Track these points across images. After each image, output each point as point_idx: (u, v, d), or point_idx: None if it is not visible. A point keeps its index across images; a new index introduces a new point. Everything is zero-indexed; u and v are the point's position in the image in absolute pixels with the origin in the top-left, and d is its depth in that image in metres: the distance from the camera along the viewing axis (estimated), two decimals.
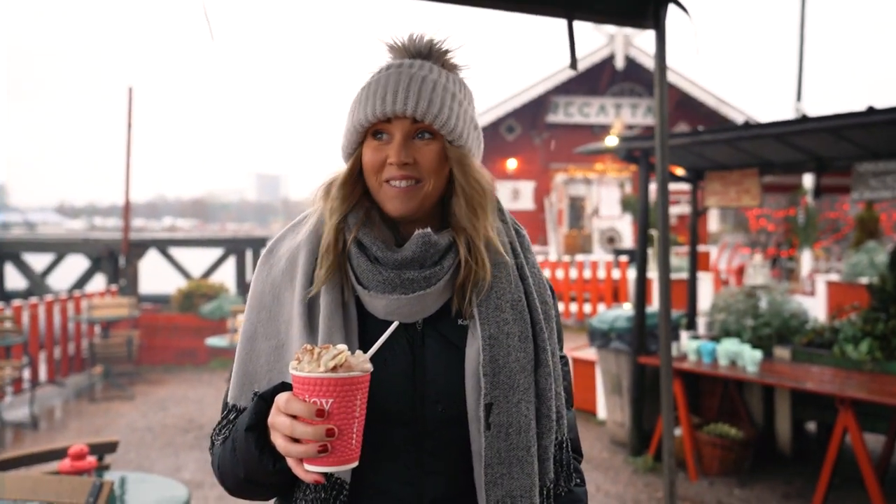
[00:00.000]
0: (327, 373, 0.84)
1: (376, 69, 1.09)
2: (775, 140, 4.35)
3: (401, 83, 1.02)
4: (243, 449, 0.94)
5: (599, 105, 16.84)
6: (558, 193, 17.27)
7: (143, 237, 12.57)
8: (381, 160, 1.04)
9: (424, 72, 1.05)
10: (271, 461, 0.91)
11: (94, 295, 8.58)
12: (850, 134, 4.05)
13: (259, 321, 1.08)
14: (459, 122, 1.05)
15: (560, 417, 1.09)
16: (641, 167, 5.15)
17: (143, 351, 8.51)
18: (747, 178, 5.08)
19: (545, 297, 1.13)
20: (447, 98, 1.04)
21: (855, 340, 4.43)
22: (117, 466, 4.79)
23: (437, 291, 1.04)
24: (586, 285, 11.36)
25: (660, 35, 2.80)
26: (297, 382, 0.86)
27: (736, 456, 4.70)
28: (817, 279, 9.23)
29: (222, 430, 1.06)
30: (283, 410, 0.86)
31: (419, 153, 1.04)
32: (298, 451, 0.85)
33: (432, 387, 1.04)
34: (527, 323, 1.07)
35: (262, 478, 0.95)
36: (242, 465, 0.95)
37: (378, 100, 1.02)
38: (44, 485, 2.11)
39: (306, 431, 0.84)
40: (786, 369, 4.43)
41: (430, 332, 1.06)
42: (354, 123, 1.05)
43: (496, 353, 1.03)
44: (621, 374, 5.37)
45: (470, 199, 1.06)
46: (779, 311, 4.97)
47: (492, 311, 1.05)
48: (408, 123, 1.03)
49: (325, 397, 0.85)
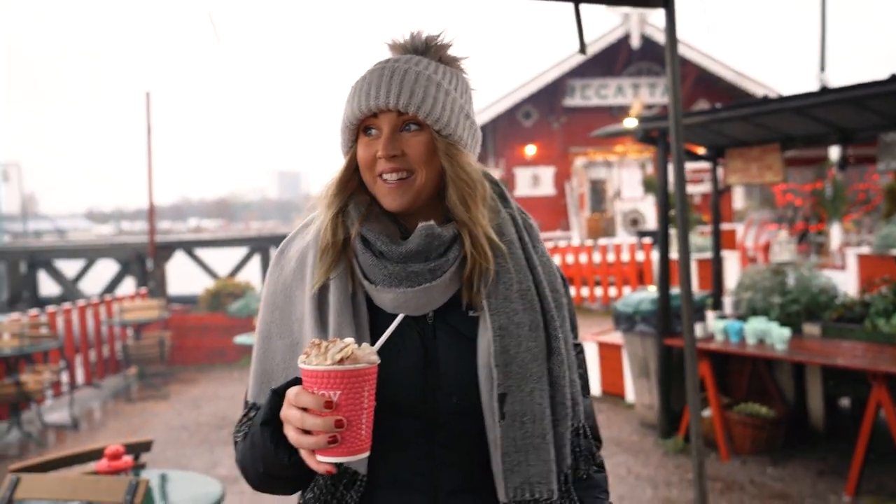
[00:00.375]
0: (334, 365, 0.86)
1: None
2: (796, 113, 4.28)
3: (384, 77, 1.04)
4: (260, 444, 0.96)
5: (617, 86, 16.66)
6: (579, 177, 17.16)
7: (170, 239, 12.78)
8: (372, 155, 1.05)
9: (410, 65, 1.06)
10: (286, 454, 0.93)
11: (124, 298, 8.76)
12: (873, 104, 3.97)
13: (273, 321, 1.11)
14: (446, 112, 1.05)
15: (576, 404, 1.10)
16: (660, 148, 5.10)
17: (174, 351, 8.66)
18: (769, 154, 5.01)
19: (556, 285, 1.13)
20: (431, 88, 1.05)
21: (886, 314, 4.36)
22: (155, 464, 4.90)
23: (443, 284, 1.05)
24: (610, 269, 11.30)
25: (669, 13, 2.77)
26: (306, 376, 0.88)
27: (768, 435, 4.67)
28: (847, 252, 9.07)
29: (242, 427, 1.09)
30: (293, 403, 0.88)
31: (407, 145, 1.04)
32: (309, 442, 0.87)
33: (445, 379, 1.05)
34: (537, 312, 1.07)
35: (279, 471, 0.97)
36: (261, 459, 0.98)
37: (363, 95, 1.04)
38: (83, 485, 2.18)
39: (316, 423, 0.86)
40: (816, 346, 4.38)
41: (441, 324, 1.07)
42: (344, 121, 1.08)
43: (507, 344, 1.04)
44: (648, 357, 5.34)
45: (460, 191, 1.06)
46: (807, 286, 4.90)
47: (501, 301, 1.05)
48: (394, 116, 1.04)
49: (333, 389, 0.86)
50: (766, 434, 4.67)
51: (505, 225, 1.12)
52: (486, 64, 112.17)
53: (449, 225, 1.07)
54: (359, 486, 1.02)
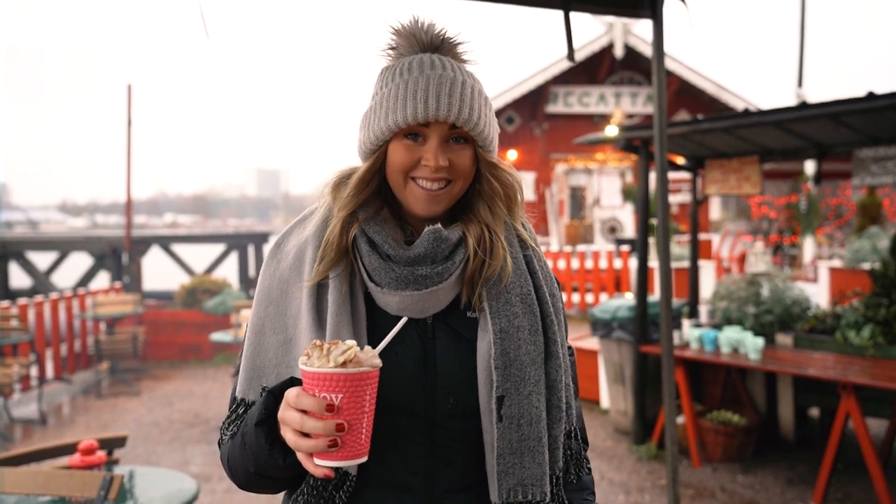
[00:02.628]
0: (337, 368, 0.85)
1: (401, 67, 1.07)
2: (775, 127, 4.35)
3: (443, 87, 1.03)
4: (253, 444, 0.95)
5: (599, 94, 16.80)
6: (559, 184, 17.26)
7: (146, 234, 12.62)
8: (413, 160, 1.05)
9: (460, 76, 1.06)
10: (281, 456, 0.92)
11: (98, 292, 8.63)
12: (850, 120, 4.05)
13: (267, 315, 1.09)
14: (491, 130, 1.08)
15: (569, 408, 1.12)
16: (641, 156, 5.16)
17: (148, 347, 8.56)
18: (747, 166, 5.09)
19: (553, 289, 1.15)
20: (482, 104, 1.07)
21: (857, 326, 4.45)
22: (125, 461, 4.83)
23: (448, 286, 1.06)
24: (588, 275, 11.37)
25: (657, 24, 2.80)
26: (307, 378, 0.87)
27: (739, 442, 4.73)
28: (820, 265, 9.24)
29: (231, 424, 1.07)
30: (293, 405, 0.87)
31: (455, 156, 1.05)
32: (308, 445, 0.86)
33: (443, 379, 1.05)
34: (536, 316, 1.09)
35: (271, 472, 0.96)
36: (252, 459, 0.97)
37: (420, 103, 1.02)
38: (56, 479, 2.14)
39: (316, 426, 0.85)
40: (788, 356, 4.45)
41: (440, 324, 1.08)
42: (390, 124, 1.04)
43: (507, 347, 1.04)
44: (624, 363, 5.39)
45: (499, 197, 1.09)
46: (780, 298, 4.99)
47: (502, 304, 1.07)
48: (445, 128, 1.04)
49: (335, 392, 0.85)
50: (738, 442, 4.74)
51: (507, 230, 1.13)
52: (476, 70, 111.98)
53: (455, 227, 1.08)
54: (348, 486, 1.02)
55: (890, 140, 4.34)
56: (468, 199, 1.11)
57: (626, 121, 16.48)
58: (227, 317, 8.24)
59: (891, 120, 3.99)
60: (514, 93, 16.11)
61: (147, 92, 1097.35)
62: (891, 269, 4.54)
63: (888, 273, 4.54)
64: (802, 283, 8.36)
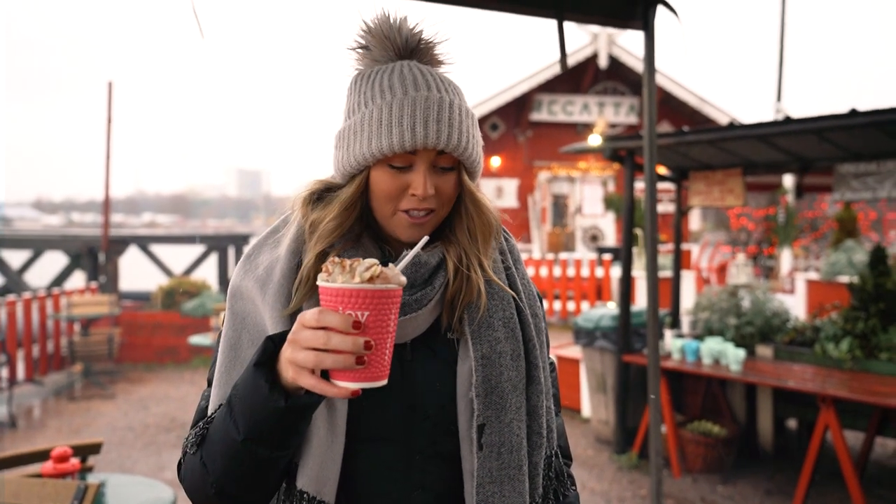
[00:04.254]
0: (364, 284, 0.81)
1: (382, 84, 1.02)
2: (759, 141, 4.39)
3: (430, 112, 0.98)
4: (249, 386, 0.87)
5: (583, 103, 16.90)
6: (542, 191, 17.32)
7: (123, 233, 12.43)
8: (400, 189, 1.00)
9: (447, 96, 1.01)
10: (282, 396, 0.85)
11: (73, 292, 8.47)
12: (832, 135, 4.10)
13: (244, 328, 1.04)
14: (477, 150, 1.05)
15: (550, 431, 1.09)
16: (626, 167, 5.17)
17: (123, 349, 8.42)
18: (731, 178, 5.13)
19: (535, 309, 1.12)
20: (470, 125, 1.02)
21: (835, 339, 4.49)
22: (98, 467, 4.73)
23: (427, 311, 1.02)
24: (570, 283, 11.41)
25: (648, 36, 2.81)
26: (330, 295, 0.82)
27: (719, 453, 4.75)
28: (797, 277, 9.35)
29: (198, 438, 0.98)
30: (314, 324, 0.81)
31: (440, 183, 1.02)
32: (334, 360, 0.80)
33: (422, 402, 1.02)
34: (519, 341, 1.06)
35: (266, 426, 0.87)
36: (245, 413, 0.88)
37: (407, 130, 0.97)
38: (26, 488, 2.07)
39: (344, 342, 0.79)
40: (768, 368, 4.48)
41: (420, 346, 1.04)
42: (374, 151, 0.99)
43: (489, 373, 1.02)
44: (606, 373, 5.40)
45: (474, 229, 1.05)
46: (761, 310, 5.03)
47: (484, 329, 1.04)
48: (433, 154, 1.00)
49: (362, 309, 0.81)
50: (718, 452, 4.75)
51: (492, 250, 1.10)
52: (454, 73, 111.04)
53: (434, 250, 1.04)
54: None
55: (870, 156, 4.40)
56: (447, 221, 1.07)
57: (608, 130, 16.59)
58: (206, 319, 8.13)
59: (872, 136, 4.05)
60: (499, 100, 16.16)
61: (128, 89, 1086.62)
62: (869, 283, 4.59)
63: (866, 287, 4.59)
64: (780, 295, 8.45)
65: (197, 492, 0.97)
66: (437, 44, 1.08)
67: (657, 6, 2.80)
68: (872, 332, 4.40)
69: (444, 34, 1.08)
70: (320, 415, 0.96)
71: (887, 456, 5.12)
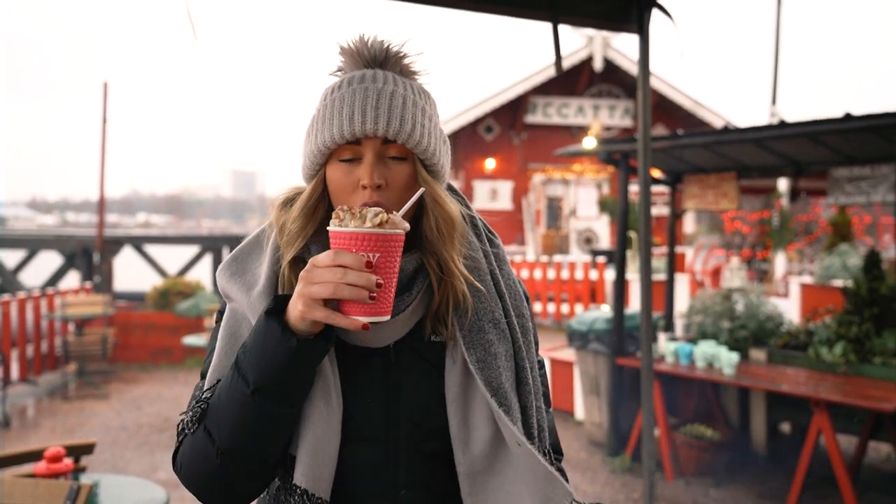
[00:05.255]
0: (375, 228, 0.88)
1: (335, 84, 1.04)
2: (754, 144, 4.40)
3: (368, 100, 0.98)
4: (261, 334, 0.92)
5: (578, 106, 16.93)
6: (536, 194, 17.34)
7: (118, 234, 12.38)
8: (352, 183, 1.00)
9: (391, 86, 1.01)
10: (294, 337, 0.90)
11: (67, 292, 8.43)
12: (827, 139, 4.11)
13: (245, 318, 1.04)
14: (432, 141, 1.03)
15: (542, 431, 1.09)
16: (621, 170, 5.18)
17: (117, 349, 8.39)
18: (725, 182, 5.14)
19: (521, 309, 1.12)
20: (418, 115, 1.01)
21: (829, 343, 4.51)
22: (91, 467, 4.71)
23: (405, 316, 1.03)
24: (564, 286, 11.42)
25: (643, 39, 2.81)
26: (343, 238, 0.89)
27: (712, 457, 4.76)
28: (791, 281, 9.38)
29: (196, 412, 0.98)
30: (329, 262, 0.87)
31: (391, 174, 1.00)
32: (351, 291, 0.86)
33: (408, 406, 1.03)
34: (509, 341, 1.06)
35: (276, 373, 0.90)
36: (254, 364, 0.91)
37: (346, 119, 0.98)
38: (19, 488, 2.06)
39: (359, 277, 0.86)
40: (762, 371, 4.49)
41: (404, 349, 1.05)
42: (318, 145, 1.00)
43: (490, 376, 1.02)
44: (599, 376, 5.40)
45: (438, 223, 1.03)
46: (755, 313, 5.04)
47: (475, 333, 1.04)
48: (378, 143, 0.99)
49: (373, 251, 0.88)
50: (711, 456, 4.76)
51: (474, 251, 1.10)
52: (445, 77, 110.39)
53: (412, 255, 1.04)
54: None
55: (865, 160, 4.41)
56: (415, 223, 1.04)
57: (603, 133, 16.62)
58: (200, 320, 8.10)
59: (866, 140, 4.06)
60: (493, 102, 16.17)
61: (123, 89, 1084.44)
62: (863, 287, 4.61)
63: (860, 291, 4.61)
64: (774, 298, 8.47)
65: (198, 470, 0.97)
66: (407, 55, 1.08)
67: (652, 9, 2.80)
68: (866, 336, 4.42)
69: (417, 46, 1.08)
70: (317, 412, 0.97)
71: (881, 460, 5.14)
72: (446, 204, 1.04)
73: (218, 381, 1.01)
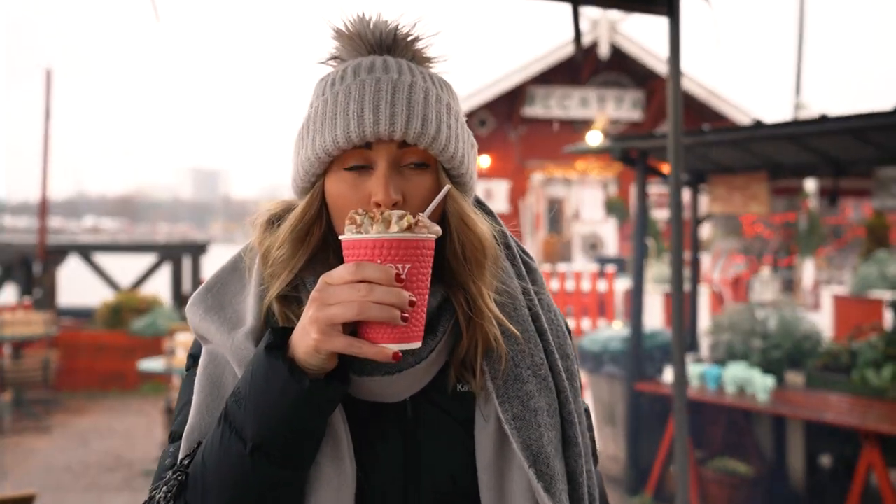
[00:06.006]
0: (403, 233, 0.78)
1: (334, 75, 0.93)
2: (789, 141, 4.34)
3: (382, 94, 0.87)
4: (260, 375, 0.81)
5: (581, 97, 16.92)
6: (535, 195, 17.31)
7: (63, 241, 12.20)
8: (360, 199, 0.89)
9: (409, 77, 0.91)
10: (305, 377, 0.80)
11: (3, 309, 8.28)
12: (873, 136, 4.06)
13: (227, 364, 0.93)
14: (460, 145, 0.93)
15: (592, 500, 1.00)
16: (638, 170, 5.11)
17: (61, 374, 8.22)
18: (755, 183, 5.07)
19: (566, 349, 1.03)
20: (443, 112, 0.91)
21: (876, 365, 4.44)
22: None
23: (427, 364, 0.92)
24: (569, 298, 11.34)
25: (674, 22, 2.74)
26: (364, 248, 0.79)
27: (744, 495, 4.68)
28: (822, 292, 9.35)
29: (172, 486, 0.85)
30: (350, 277, 0.77)
31: (410, 186, 0.89)
32: (381, 311, 0.76)
33: (431, 470, 0.94)
34: (552, 391, 0.97)
35: (281, 424, 0.80)
36: (252, 415, 0.80)
37: (353, 118, 0.87)
38: None
39: (390, 294, 0.76)
40: (800, 397, 4.42)
41: (423, 404, 0.95)
42: (317, 150, 0.89)
43: (528, 437, 0.92)
44: (615, 403, 5.31)
45: (465, 247, 0.93)
46: (790, 331, 4.97)
47: (511, 382, 0.94)
48: (394, 148, 0.88)
49: (402, 261, 0.79)
50: (743, 494, 4.68)
51: (508, 280, 1.00)
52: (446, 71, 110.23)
53: (435, 287, 0.92)
54: None
55: None
56: (443, 253, 0.93)
57: (610, 127, 16.62)
58: (158, 340, 7.96)
59: None
60: (488, 93, 16.13)
61: (68, 77, 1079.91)
62: None
63: None
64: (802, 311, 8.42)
65: None
66: (420, 38, 0.98)
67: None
68: None
69: (430, 27, 0.98)
70: (325, 479, 0.87)
71: None
72: (476, 225, 0.94)
73: (199, 443, 0.89)
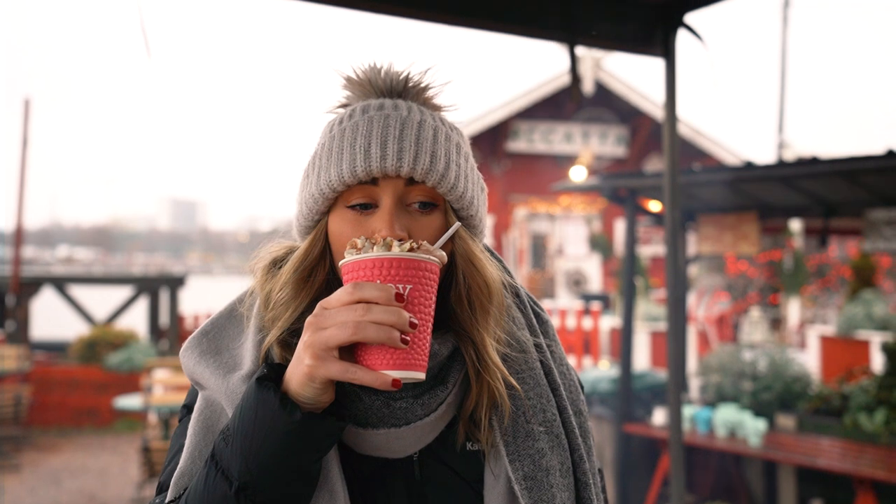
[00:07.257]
0: (406, 252, 0.77)
1: (343, 114, 0.93)
2: (780, 182, 4.38)
3: (390, 130, 0.87)
4: (249, 409, 0.78)
5: (565, 132, 17.09)
6: (519, 230, 17.36)
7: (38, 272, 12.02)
8: (367, 237, 0.87)
9: (418, 115, 0.90)
10: (297, 409, 0.76)
11: None
12: (865, 178, 4.10)
13: (223, 411, 0.91)
14: (469, 185, 0.91)
15: None
16: (628, 208, 5.13)
17: (33, 410, 8.07)
18: (745, 223, 5.11)
19: (579, 404, 1.01)
20: (452, 151, 0.90)
21: (868, 409, 4.44)
22: None
23: (436, 417, 0.89)
24: None
25: (669, 63, 2.76)
26: (363, 268, 0.77)
27: None
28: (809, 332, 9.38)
29: None
30: (347, 298, 0.74)
31: (416, 226, 0.87)
32: (378, 331, 0.72)
33: None
34: (565, 449, 0.94)
35: (271, 459, 0.76)
36: (240, 451, 0.77)
37: (360, 153, 0.86)
38: None
39: (389, 313, 0.73)
40: (792, 441, 4.40)
41: (430, 461, 0.92)
42: (322, 186, 0.87)
43: (539, 499, 0.89)
44: (603, 444, 5.27)
45: (471, 297, 0.91)
46: (780, 372, 4.96)
47: (521, 439, 0.91)
48: (401, 185, 0.87)
49: (403, 282, 0.76)
50: None
51: (518, 330, 0.97)
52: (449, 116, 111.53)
53: (446, 338, 0.91)
54: None
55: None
56: (441, 294, 0.90)
57: (594, 163, 16.77)
58: (134, 376, 7.83)
59: None
60: (472, 128, 16.25)
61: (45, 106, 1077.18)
62: None
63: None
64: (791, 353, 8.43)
65: None
66: (430, 86, 0.98)
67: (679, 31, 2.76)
68: None
69: (442, 77, 0.98)
70: None
71: None
72: (485, 267, 0.92)
73: (186, 488, 0.86)
